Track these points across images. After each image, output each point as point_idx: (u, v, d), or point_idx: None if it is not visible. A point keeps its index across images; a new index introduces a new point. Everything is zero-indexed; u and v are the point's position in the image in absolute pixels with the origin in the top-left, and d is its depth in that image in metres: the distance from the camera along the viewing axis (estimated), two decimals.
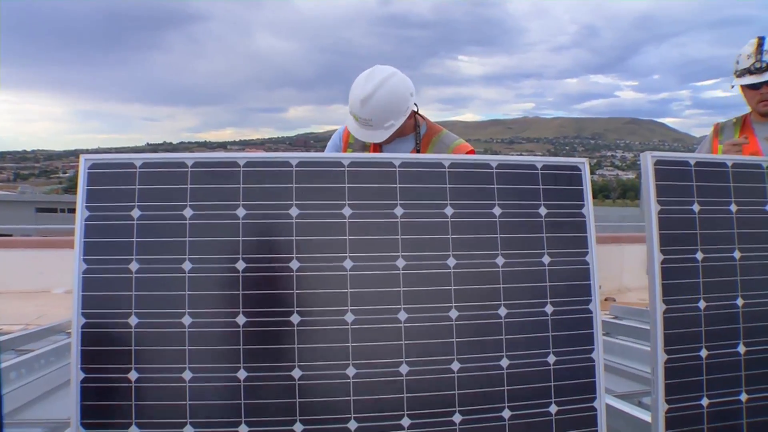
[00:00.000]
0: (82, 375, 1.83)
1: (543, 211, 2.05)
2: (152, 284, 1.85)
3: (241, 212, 1.88)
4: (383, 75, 2.48)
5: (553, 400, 1.98)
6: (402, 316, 1.89)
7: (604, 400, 2.03)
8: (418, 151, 2.73)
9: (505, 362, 1.95)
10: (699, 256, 2.07)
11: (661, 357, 2.01)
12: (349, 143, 2.79)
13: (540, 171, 2.06)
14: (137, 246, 1.88)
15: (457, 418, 1.89)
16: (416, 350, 1.89)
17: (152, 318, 1.85)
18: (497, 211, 2.00)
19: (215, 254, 1.87)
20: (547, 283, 2.04)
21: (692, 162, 2.11)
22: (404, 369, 1.87)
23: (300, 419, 1.81)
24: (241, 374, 1.83)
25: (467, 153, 2.71)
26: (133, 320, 1.85)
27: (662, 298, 2.02)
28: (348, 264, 1.89)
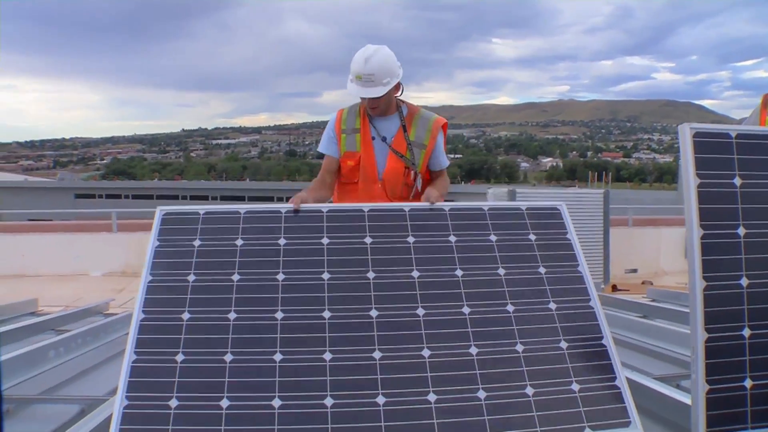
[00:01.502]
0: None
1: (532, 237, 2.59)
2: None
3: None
4: (377, 46, 3.06)
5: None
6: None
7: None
8: (404, 127, 3.18)
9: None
10: (741, 231, 2.01)
11: (702, 336, 1.94)
12: (342, 129, 3.23)
13: (525, 211, 2.67)
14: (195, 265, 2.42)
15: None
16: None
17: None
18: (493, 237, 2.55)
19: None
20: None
21: (733, 134, 2.03)
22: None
23: None
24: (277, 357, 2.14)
25: (442, 125, 3.26)
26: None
27: (702, 274, 1.95)
28: (371, 275, 2.39)
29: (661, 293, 6.85)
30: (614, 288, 9.35)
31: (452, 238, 2.51)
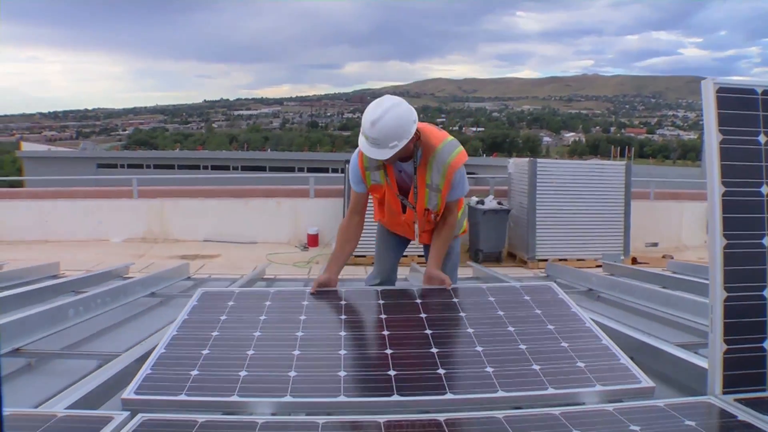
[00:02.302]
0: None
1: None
2: None
3: None
4: (391, 103, 2.89)
5: None
6: None
7: None
8: (415, 169, 3.10)
9: None
10: (764, 190, 1.96)
11: (720, 295, 1.91)
12: (365, 167, 3.16)
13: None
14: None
15: None
16: None
17: None
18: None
19: None
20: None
21: (759, 90, 1.98)
22: None
23: None
24: None
25: (460, 163, 3.11)
26: None
27: (722, 232, 1.92)
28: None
29: (682, 266, 6.79)
30: (634, 261, 9.30)
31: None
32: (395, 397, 1.87)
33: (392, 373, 2.04)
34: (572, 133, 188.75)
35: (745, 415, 1.68)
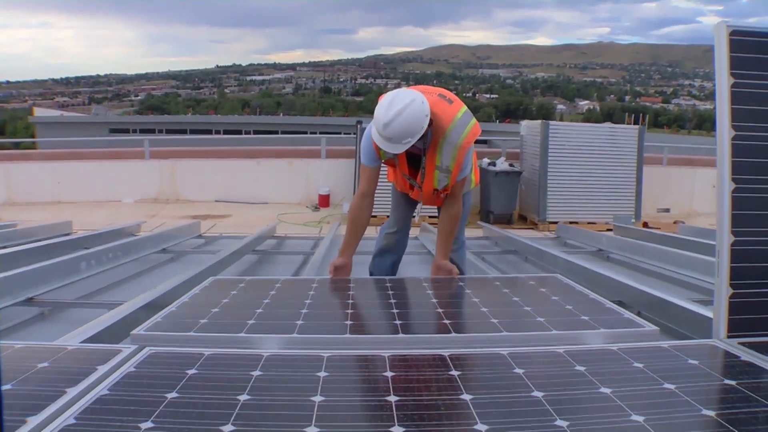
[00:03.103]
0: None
1: None
2: None
3: None
4: (402, 104, 2.85)
5: None
6: None
7: None
8: (424, 150, 3.09)
9: None
10: None
11: (728, 239, 1.91)
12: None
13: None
14: None
15: None
16: None
17: None
18: None
19: None
20: None
21: None
22: None
23: None
24: None
25: (470, 144, 3.08)
26: None
27: (731, 176, 1.90)
28: None
29: (694, 230, 6.77)
30: (645, 226, 9.26)
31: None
32: (401, 335, 1.89)
33: (398, 322, 2.06)
34: (586, 102, 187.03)
35: (748, 356, 1.69)
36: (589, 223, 9.23)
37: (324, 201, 10.46)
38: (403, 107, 2.83)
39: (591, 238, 5.99)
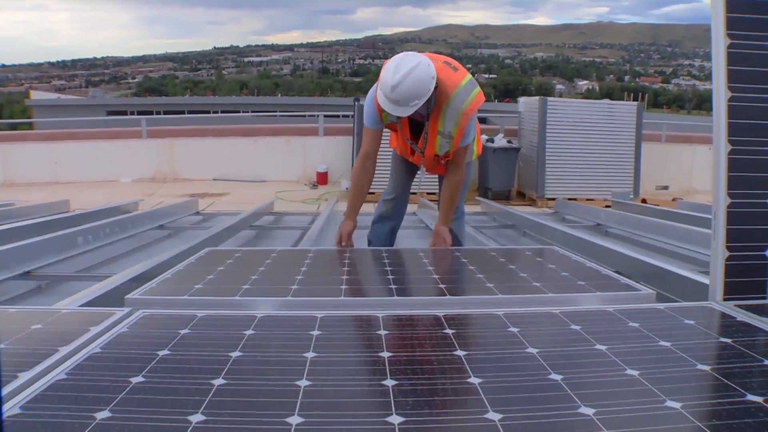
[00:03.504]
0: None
1: None
2: None
3: None
4: (409, 66, 2.86)
5: None
6: None
7: None
8: (427, 116, 3.09)
9: None
10: None
11: (724, 201, 1.89)
12: (382, 110, 3.09)
13: None
14: None
15: None
16: None
17: None
18: None
19: None
20: None
21: None
22: None
23: None
24: None
25: (474, 110, 3.09)
26: None
27: (727, 138, 1.89)
28: None
29: (693, 206, 6.77)
30: (644, 202, 9.25)
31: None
32: (395, 298, 1.89)
33: (393, 287, 2.06)
34: (585, 81, 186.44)
35: (743, 316, 1.68)
36: (587, 199, 9.22)
37: (322, 178, 10.44)
38: (409, 70, 2.83)
39: (589, 213, 5.98)
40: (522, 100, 10.50)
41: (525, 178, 9.81)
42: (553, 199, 8.29)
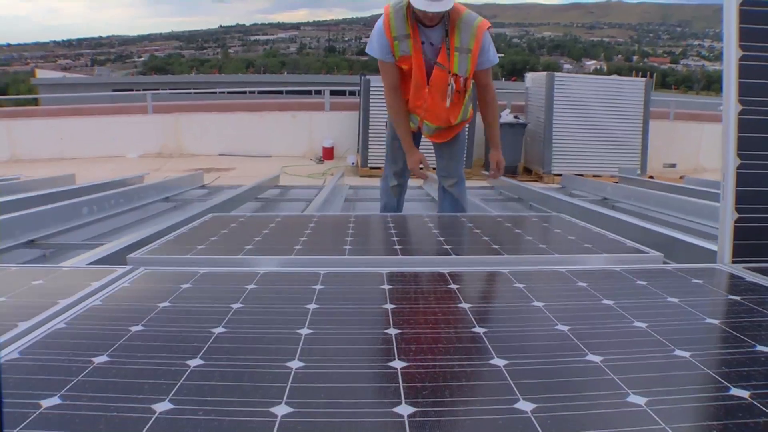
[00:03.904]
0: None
1: None
2: None
3: None
4: None
5: None
6: None
7: None
8: (447, 32, 3.16)
9: None
10: None
11: (733, 162, 1.86)
12: (393, 36, 3.17)
13: None
14: None
15: None
16: None
17: None
18: None
19: None
20: None
21: None
22: None
23: None
24: None
25: (486, 25, 3.21)
26: None
27: (738, 97, 1.85)
28: None
29: (700, 181, 6.72)
30: (651, 179, 9.20)
31: None
32: (400, 257, 1.87)
33: (398, 247, 2.04)
34: (593, 61, 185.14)
35: (753, 277, 1.66)
36: (594, 176, 9.17)
37: (328, 153, 10.40)
38: None
39: (596, 187, 5.94)
40: (529, 75, 10.43)
41: (532, 153, 9.76)
42: (560, 175, 8.25)
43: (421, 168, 3.44)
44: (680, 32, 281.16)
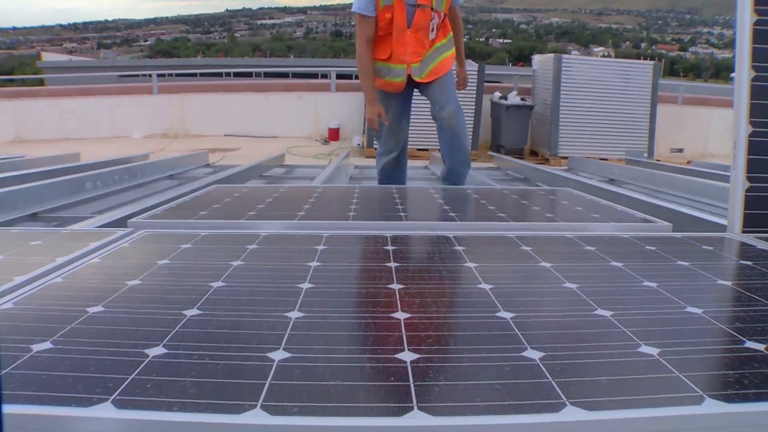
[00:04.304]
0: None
1: None
2: None
3: None
4: None
5: None
6: None
7: None
8: None
9: None
10: None
11: (745, 130, 1.82)
12: None
13: None
14: None
15: None
16: None
17: None
18: None
19: None
20: None
21: None
22: None
23: None
24: None
25: None
26: None
27: (751, 64, 1.81)
28: None
29: (707, 164, 6.66)
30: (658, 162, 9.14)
31: None
32: (404, 222, 1.84)
33: (402, 214, 2.01)
34: (601, 48, 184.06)
35: (764, 245, 1.62)
36: (601, 158, 9.11)
37: (334, 134, 10.34)
38: None
39: (602, 168, 5.90)
40: (536, 57, 10.33)
41: (538, 136, 9.69)
42: (566, 157, 8.18)
43: (379, 119, 3.61)
44: (689, 19, 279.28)
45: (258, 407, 0.64)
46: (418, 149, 7.87)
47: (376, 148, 8.50)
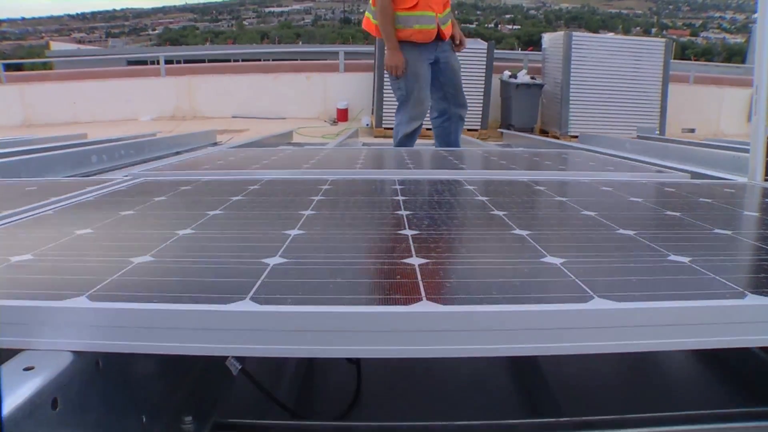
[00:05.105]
0: None
1: None
2: None
3: None
4: None
5: None
6: None
7: None
8: None
9: None
10: None
11: (767, 75, 1.75)
12: None
13: None
14: None
15: None
16: None
17: None
18: None
19: None
20: None
21: None
22: None
23: None
24: None
25: None
26: None
27: None
28: None
29: (719, 141, 6.57)
30: None
31: None
32: (412, 169, 1.78)
33: (411, 165, 1.94)
34: (611, 34, 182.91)
35: None
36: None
37: (342, 115, 10.26)
38: None
39: (613, 144, 5.81)
40: (546, 36, 10.20)
41: (548, 115, 9.58)
42: (576, 136, 8.09)
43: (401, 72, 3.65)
44: (701, 3, 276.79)
45: (247, 299, 0.58)
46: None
47: (385, 128, 8.43)
